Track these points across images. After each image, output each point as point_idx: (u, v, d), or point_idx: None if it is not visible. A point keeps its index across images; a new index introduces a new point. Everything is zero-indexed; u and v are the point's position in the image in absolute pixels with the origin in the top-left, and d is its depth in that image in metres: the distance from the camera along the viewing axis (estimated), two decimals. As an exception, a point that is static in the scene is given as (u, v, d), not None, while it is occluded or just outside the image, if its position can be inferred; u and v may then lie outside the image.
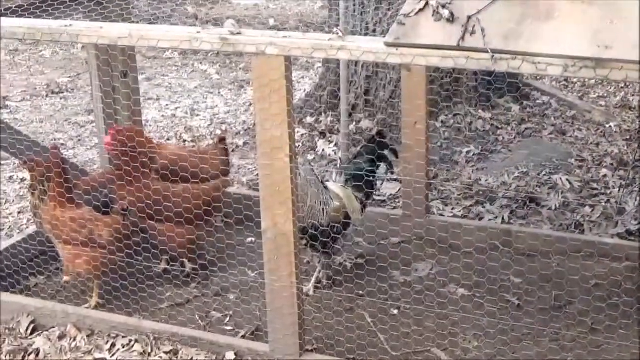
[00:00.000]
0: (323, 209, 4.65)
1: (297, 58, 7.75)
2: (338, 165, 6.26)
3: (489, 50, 3.09)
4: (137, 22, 7.00)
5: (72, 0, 4.41)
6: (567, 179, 6.07)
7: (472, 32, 3.15)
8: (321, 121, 7.25)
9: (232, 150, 7.05)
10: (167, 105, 8.49)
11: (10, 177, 6.57)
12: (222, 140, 5.26)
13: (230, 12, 12.14)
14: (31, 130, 7.62)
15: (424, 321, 4.42)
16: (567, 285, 4.49)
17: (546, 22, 3.11)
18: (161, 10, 10.73)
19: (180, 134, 7.49)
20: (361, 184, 4.84)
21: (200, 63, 9.96)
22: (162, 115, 8.14)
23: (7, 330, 4.44)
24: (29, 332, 4.41)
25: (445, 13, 3.20)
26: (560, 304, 4.52)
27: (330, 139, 6.99)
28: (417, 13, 3.27)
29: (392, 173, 5.16)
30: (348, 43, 3.34)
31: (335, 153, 6.71)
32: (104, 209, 4.71)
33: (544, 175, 6.20)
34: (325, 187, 4.75)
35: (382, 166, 4.98)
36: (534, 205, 5.73)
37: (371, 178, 4.91)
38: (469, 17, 3.17)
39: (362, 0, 6.92)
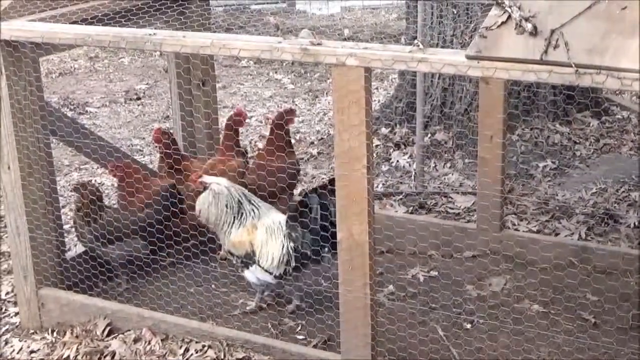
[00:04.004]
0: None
1: (372, 69, 7.75)
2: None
3: (573, 65, 3.05)
4: (216, 32, 7.07)
5: (156, 9, 4.49)
6: (647, 196, 5.96)
7: (556, 46, 3.11)
8: (396, 132, 7.24)
9: (306, 160, 7.09)
10: (242, 113, 8.56)
11: (89, 182, 6.68)
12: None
13: (305, 22, 12.20)
14: (109, 136, 7.77)
15: (498, 336, 4.37)
16: (646, 305, 4.41)
17: (632, 38, 3.06)
18: (241, 20, 10.83)
19: (255, 142, 7.55)
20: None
21: (275, 72, 10.03)
22: (237, 124, 8.20)
23: (84, 332, 4.52)
24: (105, 334, 4.49)
25: (528, 26, 3.17)
26: (638, 323, 4.42)
27: (404, 150, 6.98)
28: (499, 26, 3.24)
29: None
30: (429, 55, 3.33)
31: (409, 165, 6.69)
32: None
33: (623, 191, 6.09)
34: None
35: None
36: (612, 222, 5.62)
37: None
38: (552, 31, 3.13)
39: (440, 13, 6.90)
